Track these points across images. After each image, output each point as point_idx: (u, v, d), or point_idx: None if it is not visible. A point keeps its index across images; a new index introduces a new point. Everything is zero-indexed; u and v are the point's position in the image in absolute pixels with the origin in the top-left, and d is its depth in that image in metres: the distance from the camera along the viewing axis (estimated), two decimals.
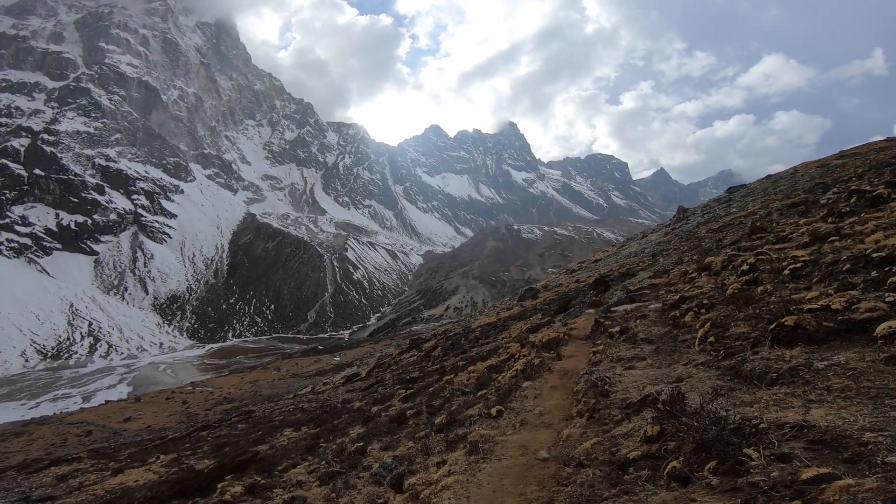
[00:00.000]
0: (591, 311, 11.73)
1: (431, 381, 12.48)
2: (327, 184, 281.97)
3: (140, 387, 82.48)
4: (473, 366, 11.75)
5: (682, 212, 43.40)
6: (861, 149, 32.00)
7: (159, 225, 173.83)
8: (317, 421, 14.06)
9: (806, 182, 26.73)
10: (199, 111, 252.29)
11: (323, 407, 18.47)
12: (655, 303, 9.10)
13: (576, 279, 32.88)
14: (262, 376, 73.96)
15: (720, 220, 27.66)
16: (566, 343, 8.92)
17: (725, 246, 14.90)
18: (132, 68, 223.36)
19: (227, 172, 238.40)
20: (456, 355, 20.44)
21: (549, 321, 14.75)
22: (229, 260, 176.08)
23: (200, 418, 41.49)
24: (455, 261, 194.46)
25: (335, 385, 34.27)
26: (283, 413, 20.74)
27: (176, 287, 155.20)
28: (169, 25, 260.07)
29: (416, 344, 35.55)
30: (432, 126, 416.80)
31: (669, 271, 13.10)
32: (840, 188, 16.38)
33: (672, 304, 7.71)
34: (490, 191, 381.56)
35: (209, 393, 61.59)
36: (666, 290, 10.13)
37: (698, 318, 6.25)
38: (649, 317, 8.01)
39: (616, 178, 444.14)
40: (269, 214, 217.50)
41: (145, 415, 48.16)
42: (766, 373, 3.89)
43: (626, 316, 8.72)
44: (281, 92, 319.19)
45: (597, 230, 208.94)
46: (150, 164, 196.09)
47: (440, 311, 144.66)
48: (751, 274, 7.07)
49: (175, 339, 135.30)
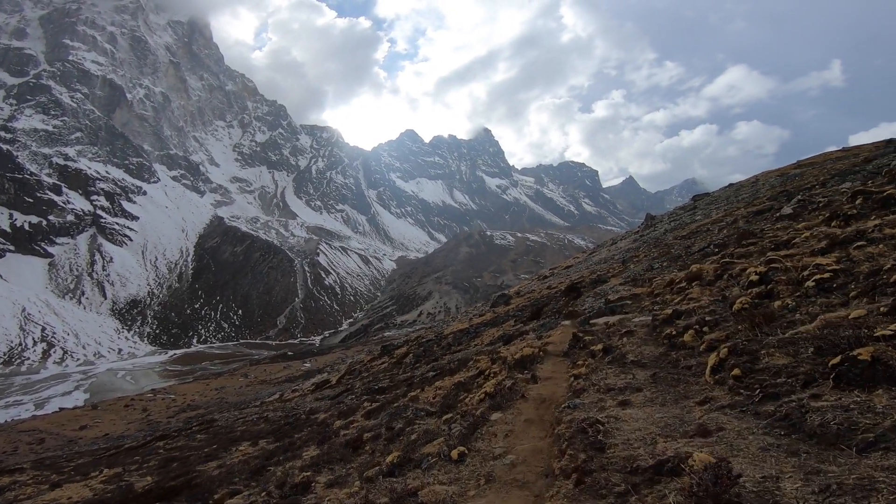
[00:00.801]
0: (568, 324, 10.93)
1: (398, 394, 11.96)
2: (299, 187, 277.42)
3: (97, 394, 79.50)
4: (441, 380, 11.06)
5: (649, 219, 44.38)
6: (818, 158, 33.41)
7: (119, 227, 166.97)
8: (277, 434, 13.50)
9: (767, 191, 27.63)
10: (166, 111, 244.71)
11: (288, 417, 17.87)
12: (641, 315, 8.28)
13: (548, 285, 33.07)
14: (229, 383, 71.82)
15: (686, 227, 28.29)
16: (541, 360, 7.98)
17: (711, 253, 14.76)
18: (97, 66, 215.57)
19: (194, 174, 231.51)
20: (427, 363, 20.29)
21: (522, 331, 14.19)
22: (195, 264, 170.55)
23: (161, 426, 39.97)
24: (428, 266, 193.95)
25: (304, 392, 33.57)
26: (245, 423, 19.89)
27: (136, 291, 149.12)
28: (139, 23, 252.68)
29: (387, 350, 35.14)
30: (407, 131, 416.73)
31: (651, 280, 12.13)
32: (804, 195, 16.84)
33: (665, 320, 6.86)
34: (464, 197, 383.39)
35: (171, 400, 59.29)
36: (651, 301, 9.26)
37: (701, 339, 5.51)
38: (637, 333, 7.14)
39: (587, 185, 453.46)
40: (237, 218, 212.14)
41: (102, 422, 46.50)
42: (851, 430, 2.71)
43: (607, 331, 7.94)
44: (254, 93, 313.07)
45: (568, 237, 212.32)
46: (112, 164, 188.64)
47: (413, 316, 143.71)
48: (762, 286, 6.16)
49: (135, 344, 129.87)
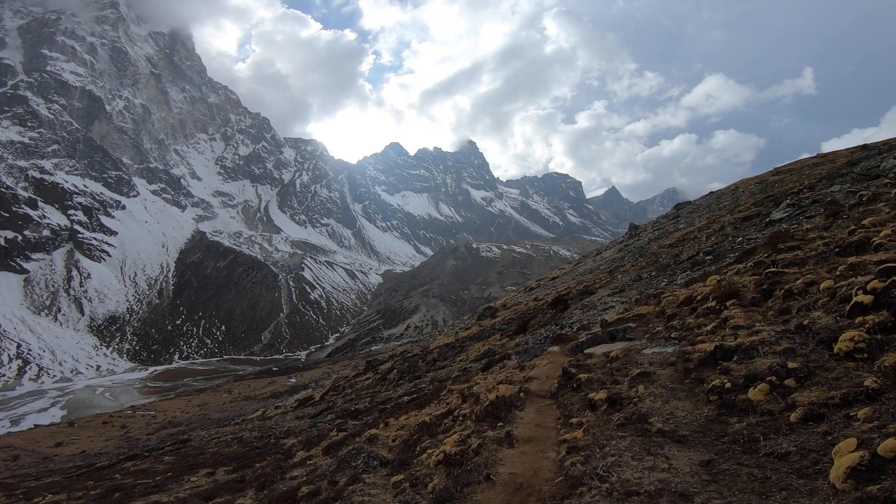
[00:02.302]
0: (556, 350, 8.92)
1: (367, 423, 11.37)
2: (283, 201, 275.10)
3: (75, 411, 78.91)
4: (407, 416, 9.79)
5: (633, 229, 44.76)
6: (795, 165, 34.31)
7: (97, 242, 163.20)
8: (241, 460, 13.10)
9: (747, 198, 28.09)
10: (147, 123, 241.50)
11: (263, 438, 17.55)
12: (654, 346, 6.28)
13: (534, 297, 32.97)
14: (212, 399, 70.49)
15: (670, 235, 28.56)
16: (521, 405, 6.13)
17: (700, 262, 14.26)
18: (75, 77, 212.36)
19: (174, 188, 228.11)
20: (410, 380, 20.17)
21: (505, 353, 13.08)
22: (175, 279, 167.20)
23: (141, 443, 39.24)
24: (415, 280, 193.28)
25: (286, 409, 33.24)
26: (218, 443, 19.25)
27: (115, 308, 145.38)
28: (119, 34, 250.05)
29: (372, 366, 34.84)
30: (392, 144, 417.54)
31: (659, 296, 9.67)
32: (793, 199, 16.97)
33: (703, 360, 4.79)
34: (449, 209, 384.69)
35: (151, 417, 58.36)
36: (664, 325, 7.07)
37: (786, 401, 3.55)
38: (657, 377, 5.06)
39: (571, 196, 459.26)
40: (220, 232, 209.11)
41: (80, 439, 46.29)
42: None
43: (610, 367, 6.02)
44: (236, 105, 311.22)
45: (553, 248, 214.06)
46: (90, 177, 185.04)
47: (400, 330, 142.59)
48: (881, 311, 3.91)
49: (114, 361, 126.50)
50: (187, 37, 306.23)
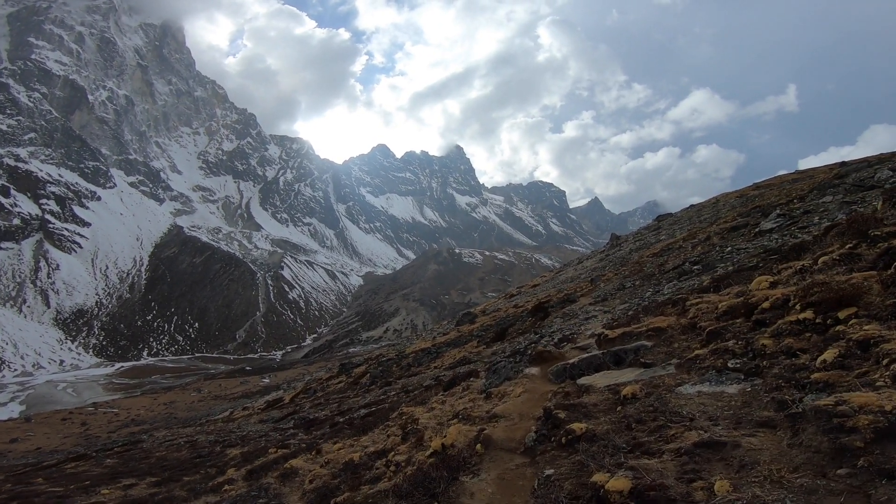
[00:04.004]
0: (535, 373, 6.70)
1: (315, 438, 10.67)
2: (265, 199, 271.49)
3: (34, 406, 77.36)
4: (342, 446, 8.11)
5: (614, 239, 45.03)
6: (774, 181, 34.94)
7: (69, 233, 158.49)
8: (176, 470, 12.34)
9: (728, 211, 28.31)
10: (129, 114, 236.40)
11: (217, 443, 16.84)
12: (699, 380, 3.98)
13: (514, 304, 32.74)
14: (180, 398, 69.16)
15: (652, 246, 28.63)
16: (475, 467, 4.03)
17: (688, 272, 13.39)
18: (60, 66, 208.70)
19: (153, 181, 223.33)
20: (381, 385, 19.82)
21: (472, 370, 11.46)
22: (148, 274, 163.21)
23: (100, 441, 38.12)
24: (396, 283, 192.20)
25: (254, 411, 32.63)
26: (169, 447, 18.38)
27: (83, 301, 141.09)
28: (109, 24, 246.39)
29: (346, 369, 34.19)
30: (380, 146, 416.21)
31: (681, 302, 6.95)
32: (783, 210, 16.64)
33: (880, 431, 2.31)
34: (434, 214, 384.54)
35: (114, 415, 57.31)
36: (701, 344, 4.85)
37: None
38: (750, 456, 2.66)
39: (554, 205, 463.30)
40: (198, 228, 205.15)
41: (36, 436, 45.23)
42: None
43: (624, 414, 3.72)
44: (223, 100, 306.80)
45: (535, 256, 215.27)
46: (66, 167, 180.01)
47: (379, 332, 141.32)
48: None
49: (79, 356, 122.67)
50: (178, 29, 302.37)
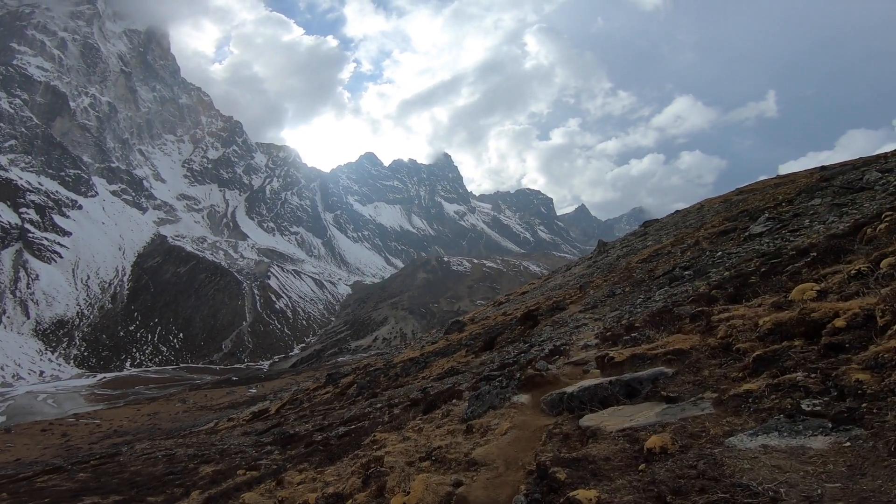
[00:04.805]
0: (525, 402, 5.66)
1: (295, 456, 10.25)
2: (251, 207, 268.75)
3: (14, 417, 76.18)
4: (303, 479, 7.00)
5: (602, 245, 45.49)
6: (757, 186, 35.68)
7: (49, 243, 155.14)
8: (143, 489, 12.11)
9: (713, 216, 28.79)
10: (112, 121, 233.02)
11: (196, 457, 16.42)
12: (757, 430, 2.88)
13: (503, 312, 32.77)
14: (164, 408, 68.21)
15: (639, 252, 28.97)
16: None
17: (679, 277, 13.26)
18: (41, 72, 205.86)
19: (136, 189, 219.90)
20: (368, 397, 19.74)
21: (455, 389, 10.11)
22: (131, 284, 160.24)
23: (81, 453, 37.34)
24: (385, 291, 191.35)
25: (239, 422, 32.25)
26: (146, 461, 17.85)
27: (64, 311, 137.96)
28: (93, 30, 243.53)
29: (333, 379, 33.91)
30: (367, 154, 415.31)
31: (703, 317, 5.85)
32: (772, 213, 16.66)
33: None
34: (422, 222, 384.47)
35: (96, 425, 56.23)
36: (764, 381, 3.44)
37: None
38: None
39: (542, 213, 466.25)
40: (182, 237, 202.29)
41: (15, 447, 44.50)
42: None
43: (649, 488, 2.57)
44: (209, 107, 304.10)
45: (524, 263, 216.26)
46: (46, 175, 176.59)
47: (368, 341, 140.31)
48: None
49: (60, 367, 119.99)
50: (163, 35, 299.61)
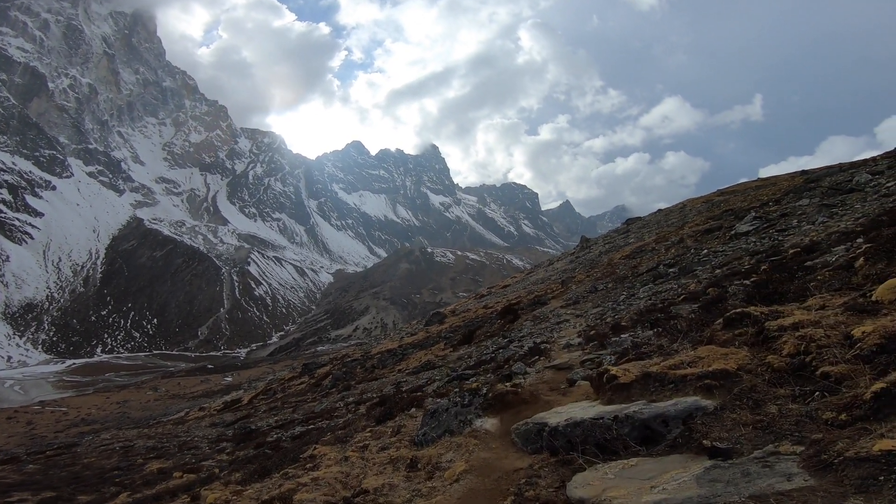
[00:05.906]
0: (491, 428, 4.69)
1: (242, 458, 9.82)
2: (233, 192, 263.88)
3: None
4: (229, 490, 6.44)
5: (584, 241, 45.51)
6: (738, 187, 36.11)
7: (20, 223, 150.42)
8: (79, 485, 11.41)
9: (695, 216, 28.85)
10: (91, 103, 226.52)
11: (155, 449, 15.83)
12: None
13: (484, 304, 32.60)
14: (135, 396, 67.21)
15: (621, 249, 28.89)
16: None
17: (663, 274, 13.00)
18: (21, 52, 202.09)
19: (113, 171, 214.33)
20: (341, 389, 19.54)
21: (412, 400, 8.69)
22: (105, 267, 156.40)
23: (45, 441, 36.42)
24: (367, 281, 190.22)
25: (210, 412, 31.77)
26: (102, 452, 17.15)
27: (33, 294, 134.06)
28: (78, 12, 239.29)
29: (308, 370, 33.53)
30: (354, 142, 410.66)
31: (760, 324, 3.93)
32: (759, 213, 16.48)
33: None
34: (407, 212, 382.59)
35: (63, 413, 54.92)
36: None
37: None
38: None
39: (527, 207, 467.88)
40: (159, 220, 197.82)
41: None
42: None
43: None
44: (193, 91, 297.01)
45: (507, 257, 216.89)
46: (21, 154, 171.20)
47: (349, 331, 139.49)
48: None
49: (27, 352, 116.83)
50: (150, 18, 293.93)
